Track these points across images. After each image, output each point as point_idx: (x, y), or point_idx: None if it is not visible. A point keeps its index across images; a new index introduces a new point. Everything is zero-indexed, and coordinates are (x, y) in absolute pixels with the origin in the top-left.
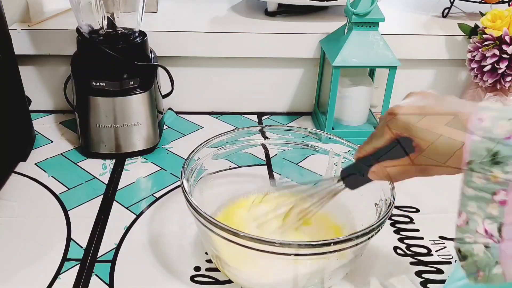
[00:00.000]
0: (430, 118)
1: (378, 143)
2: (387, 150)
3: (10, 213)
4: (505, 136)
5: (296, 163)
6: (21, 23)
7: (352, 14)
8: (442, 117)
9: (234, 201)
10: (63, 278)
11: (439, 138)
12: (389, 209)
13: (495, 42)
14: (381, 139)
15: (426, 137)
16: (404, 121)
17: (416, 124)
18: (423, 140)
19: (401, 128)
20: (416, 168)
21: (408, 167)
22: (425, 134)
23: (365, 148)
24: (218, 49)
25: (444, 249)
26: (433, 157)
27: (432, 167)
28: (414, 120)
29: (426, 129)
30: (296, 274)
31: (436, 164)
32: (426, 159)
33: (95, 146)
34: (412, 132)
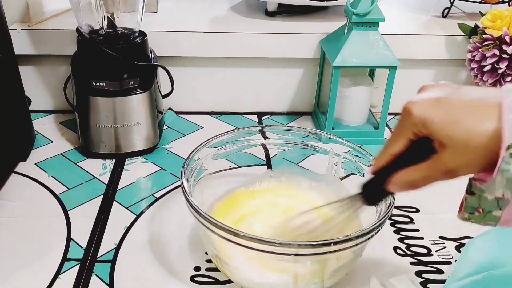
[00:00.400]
0: (450, 110)
1: (394, 148)
2: (406, 156)
3: (10, 213)
4: None
5: (296, 163)
6: (21, 23)
7: (352, 14)
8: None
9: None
10: (63, 278)
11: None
12: (389, 209)
13: (495, 42)
14: (397, 144)
15: (448, 132)
16: (421, 117)
17: (434, 118)
18: (445, 137)
19: (418, 126)
20: (441, 170)
21: (432, 171)
22: (447, 128)
23: (381, 158)
24: (218, 49)
25: (444, 249)
26: (460, 153)
27: (462, 166)
28: (432, 115)
29: (446, 123)
30: (296, 274)
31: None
32: (452, 158)
33: (95, 146)
34: (431, 128)
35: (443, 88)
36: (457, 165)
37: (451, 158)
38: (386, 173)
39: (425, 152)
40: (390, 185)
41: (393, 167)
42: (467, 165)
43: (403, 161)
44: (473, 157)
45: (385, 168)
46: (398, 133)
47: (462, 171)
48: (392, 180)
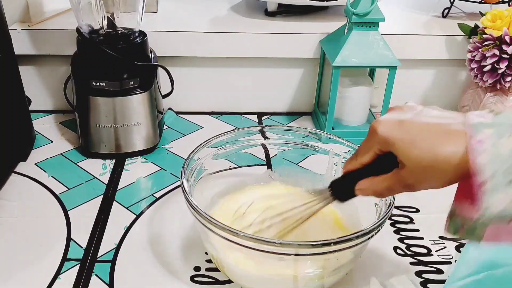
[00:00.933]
0: (409, 132)
1: (363, 159)
2: (373, 165)
3: (10, 213)
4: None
5: (296, 163)
6: (21, 23)
7: (352, 14)
8: (422, 131)
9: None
10: (63, 278)
11: (420, 152)
12: (389, 209)
13: (495, 42)
14: (365, 156)
15: (406, 152)
16: (384, 136)
17: (395, 139)
18: (403, 156)
19: (382, 145)
20: (401, 184)
21: (393, 183)
22: (405, 149)
23: (351, 164)
24: (218, 49)
25: (444, 249)
26: (416, 172)
27: (419, 182)
28: (393, 136)
29: (405, 143)
30: (296, 274)
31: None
32: (410, 175)
33: (95, 146)
34: (392, 148)
35: (409, 110)
36: (415, 181)
37: (409, 175)
38: (354, 176)
39: (390, 164)
40: (357, 191)
41: (361, 173)
42: (424, 183)
43: (370, 169)
44: (431, 177)
45: (354, 172)
46: (365, 147)
47: (420, 187)
48: (358, 187)
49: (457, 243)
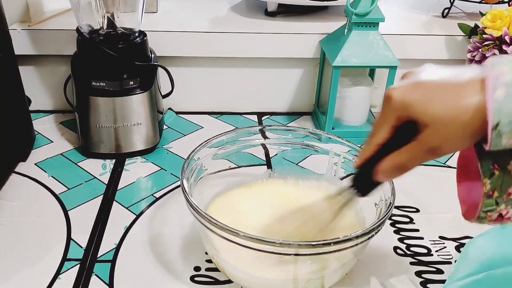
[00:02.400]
0: (427, 90)
1: (379, 138)
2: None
3: (10, 213)
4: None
5: (296, 163)
6: (21, 23)
7: (352, 14)
8: (440, 86)
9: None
10: (63, 278)
11: (441, 108)
12: (389, 209)
13: (495, 42)
14: (381, 133)
15: (427, 111)
16: (401, 101)
17: (413, 100)
18: (424, 115)
19: (399, 110)
20: (425, 149)
21: (416, 151)
22: (425, 107)
23: (367, 149)
24: (218, 49)
25: (444, 249)
26: (441, 130)
27: (444, 144)
28: (410, 97)
29: (425, 102)
30: (296, 274)
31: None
32: (434, 135)
33: (95, 146)
34: (411, 110)
35: (421, 72)
36: (440, 142)
37: (433, 136)
38: (372, 164)
39: (409, 137)
40: (378, 175)
41: (379, 157)
42: (449, 141)
43: (388, 150)
44: (454, 132)
45: (372, 159)
46: (381, 121)
47: (445, 148)
48: (379, 168)
49: (457, 243)
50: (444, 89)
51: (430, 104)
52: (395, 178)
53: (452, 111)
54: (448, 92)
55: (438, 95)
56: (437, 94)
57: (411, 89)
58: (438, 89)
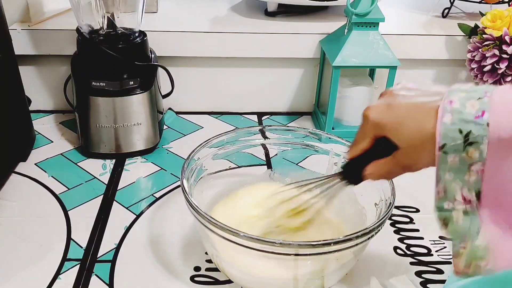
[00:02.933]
0: (398, 114)
1: (362, 146)
2: (373, 151)
3: (10, 213)
4: (475, 115)
5: (296, 163)
6: (21, 23)
7: (352, 14)
8: (409, 111)
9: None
10: (63, 278)
11: (409, 132)
12: (389, 209)
13: (495, 42)
14: (363, 143)
15: (397, 134)
16: (375, 122)
17: (386, 122)
18: (395, 138)
19: (375, 130)
20: (399, 166)
21: (393, 166)
22: (396, 131)
23: (353, 151)
24: (218, 49)
25: (444, 249)
26: (410, 152)
27: (415, 162)
28: (384, 119)
29: (395, 126)
30: (296, 274)
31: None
32: (405, 156)
33: (95, 146)
34: (385, 131)
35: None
36: (411, 162)
37: (404, 156)
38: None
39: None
40: (365, 177)
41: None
42: (420, 161)
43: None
44: (423, 154)
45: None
46: (361, 134)
47: (418, 166)
48: (365, 173)
49: None
50: (411, 115)
51: (400, 129)
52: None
53: (418, 136)
54: (416, 117)
55: (406, 120)
56: (406, 119)
57: (384, 112)
58: (406, 114)
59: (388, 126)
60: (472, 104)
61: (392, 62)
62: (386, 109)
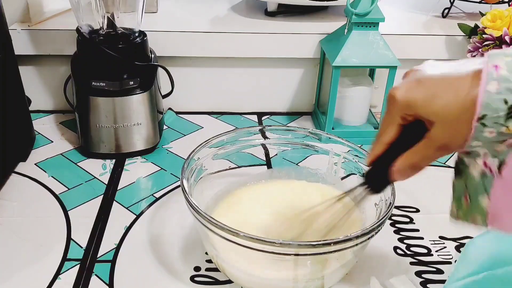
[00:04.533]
0: (429, 87)
1: (387, 137)
2: (400, 142)
3: (10, 213)
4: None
5: (296, 163)
6: (21, 23)
7: (352, 14)
8: (442, 82)
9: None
10: (63, 278)
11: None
12: (389, 209)
13: (495, 42)
14: (389, 132)
15: (432, 108)
16: (404, 101)
17: (417, 99)
18: (429, 113)
19: (404, 110)
20: (435, 146)
21: (428, 149)
22: (429, 105)
23: (376, 148)
24: (218, 49)
25: (444, 249)
26: (447, 126)
27: (453, 140)
28: (414, 96)
29: (428, 100)
30: (296, 274)
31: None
32: (442, 132)
33: (95, 146)
34: (415, 109)
35: (423, 68)
36: (449, 139)
37: (441, 133)
38: (384, 161)
39: (418, 134)
40: (394, 175)
41: (390, 155)
42: (457, 136)
43: (398, 148)
44: (460, 127)
45: (382, 157)
46: (387, 121)
47: (455, 144)
48: (394, 169)
49: (457, 243)
50: (445, 85)
51: (433, 101)
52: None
53: (455, 107)
54: (449, 87)
55: (440, 91)
56: (439, 90)
57: (413, 88)
58: (439, 85)
59: (420, 102)
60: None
61: (392, 62)
62: (415, 84)
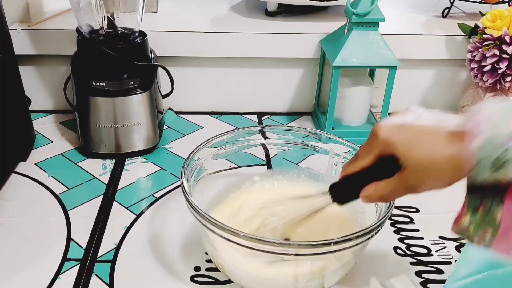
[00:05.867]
0: (410, 134)
1: (363, 163)
2: (372, 170)
3: (10, 213)
4: None
5: (296, 163)
6: (21, 23)
7: (352, 14)
8: (422, 133)
9: None
10: (63, 278)
11: (421, 153)
12: (389, 209)
13: (495, 42)
14: (366, 159)
15: (408, 154)
16: (385, 139)
17: (396, 141)
18: (405, 157)
19: (383, 147)
20: (404, 186)
21: (397, 186)
22: (406, 150)
23: (350, 168)
24: (218, 49)
25: (444, 249)
26: (419, 172)
27: (421, 184)
28: (394, 138)
29: (406, 145)
30: (296, 274)
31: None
32: (412, 176)
33: (95, 146)
34: (393, 150)
35: (409, 115)
36: (417, 183)
37: (411, 176)
38: (353, 180)
39: (391, 169)
40: (362, 198)
41: (360, 176)
42: (426, 183)
43: (370, 173)
44: (431, 176)
45: (353, 176)
46: (366, 150)
47: (423, 188)
48: (364, 194)
49: (457, 243)
50: (425, 136)
51: (411, 148)
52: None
53: (429, 158)
54: (428, 139)
55: (419, 141)
56: (419, 140)
57: (396, 130)
58: (420, 135)
59: (398, 144)
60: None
61: (392, 62)
62: (398, 128)
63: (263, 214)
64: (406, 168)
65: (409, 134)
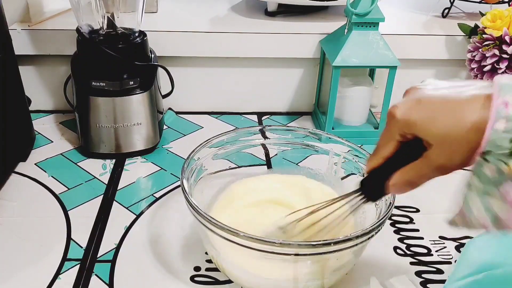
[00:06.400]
0: (429, 108)
1: (385, 152)
2: (398, 156)
3: (10, 213)
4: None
5: (296, 163)
6: (21, 23)
7: (352, 14)
8: (442, 104)
9: None
10: (63, 278)
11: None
12: (389, 209)
13: (495, 42)
14: (387, 147)
15: (431, 130)
16: (404, 120)
17: (416, 119)
18: (428, 135)
19: (403, 129)
20: (432, 167)
21: (425, 168)
22: (428, 126)
23: (374, 161)
24: (218, 49)
25: (444, 249)
26: (445, 148)
27: (451, 161)
28: (413, 116)
29: (427, 121)
30: (296, 274)
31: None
32: (439, 154)
33: (95, 146)
34: (414, 129)
35: (424, 87)
36: (447, 160)
37: (439, 154)
38: (381, 173)
39: (417, 151)
40: (390, 188)
41: (387, 168)
42: (455, 159)
43: (396, 162)
44: (459, 150)
45: (379, 169)
46: (386, 137)
47: (453, 165)
48: (390, 183)
49: (457, 243)
50: (446, 107)
51: (433, 123)
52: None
53: (455, 130)
54: (450, 110)
55: (440, 113)
56: (440, 112)
57: (413, 107)
58: (440, 107)
59: (419, 122)
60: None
61: (392, 62)
62: (416, 104)
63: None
64: (431, 145)
65: (430, 109)
